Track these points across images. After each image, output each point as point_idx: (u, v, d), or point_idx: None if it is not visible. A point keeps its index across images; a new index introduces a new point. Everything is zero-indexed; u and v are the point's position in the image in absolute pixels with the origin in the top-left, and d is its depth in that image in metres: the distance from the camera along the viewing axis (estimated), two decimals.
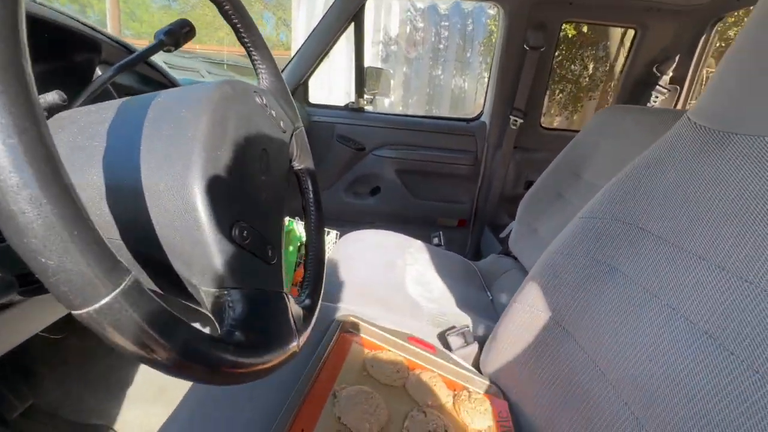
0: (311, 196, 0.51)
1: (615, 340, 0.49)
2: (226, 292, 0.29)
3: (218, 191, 0.29)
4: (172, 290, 0.33)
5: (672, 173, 0.49)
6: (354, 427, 0.47)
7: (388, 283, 0.87)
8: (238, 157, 0.32)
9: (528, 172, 1.66)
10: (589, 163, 0.98)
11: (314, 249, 0.48)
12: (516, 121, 1.53)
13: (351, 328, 0.65)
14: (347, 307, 0.74)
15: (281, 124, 0.43)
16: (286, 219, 1.13)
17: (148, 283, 0.33)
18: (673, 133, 0.51)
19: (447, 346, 0.75)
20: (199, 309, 0.32)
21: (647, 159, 0.53)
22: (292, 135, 0.47)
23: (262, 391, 0.51)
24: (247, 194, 0.33)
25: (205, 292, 0.29)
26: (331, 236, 1.22)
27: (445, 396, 0.58)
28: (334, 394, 0.51)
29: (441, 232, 1.41)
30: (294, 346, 0.36)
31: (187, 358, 0.23)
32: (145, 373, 0.89)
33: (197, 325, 0.23)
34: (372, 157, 1.60)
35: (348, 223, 1.18)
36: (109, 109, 0.34)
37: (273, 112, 0.41)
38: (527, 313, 0.63)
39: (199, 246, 0.28)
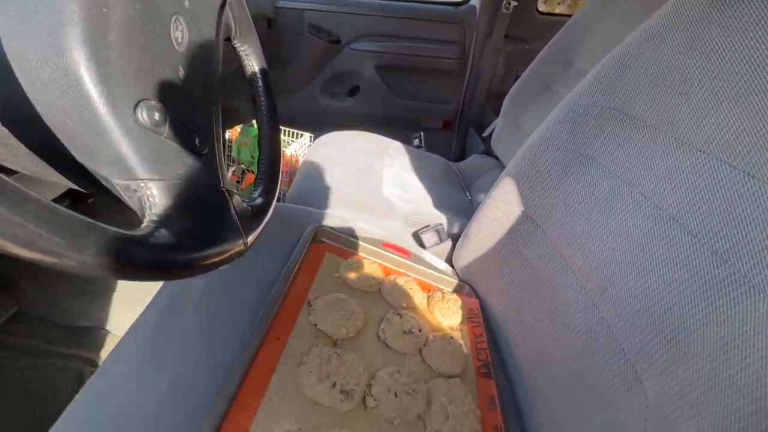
0: (259, 80, 0.44)
1: (582, 231, 0.49)
2: (142, 184, 0.25)
3: (110, 60, 0.24)
4: (87, 185, 0.29)
5: (670, 46, 0.43)
6: (330, 332, 0.48)
7: (364, 186, 0.84)
8: (135, 19, 0.26)
9: (519, 66, 1.52)
10: (582, 48, 0.89)
11: (267, 143, 0.43)
12: (509, 3, 1.35)
13: (324, 237, 0.64)
14: (320, 211, 0.72)
15: None
16: (254, 121, 1.04)
17: (59, 179, 0.29)
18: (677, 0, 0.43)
19: (421, 243, 0.76)
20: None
21: (645, 32, 0.47)
22: (224, 2, 0.38)
23: (237, 297, 0.51)
24: (155, 68, 0.27)
25: (118, 184, 0.26)
26: (304, 139, 1.15)
27: (419, 298, 0.60)
28: (308, 303, 0.51)
29: (422, 133, 1.34)
30: (240, 243, 0.33)
31: (104, 260, 0.20)
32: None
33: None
34: (349, 52, 1.45)
35: (325, 127, 1.11)
36: None
37: None
38: (500, 209, 0.62)
39: (96, 130, 0.23)
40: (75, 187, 0.31)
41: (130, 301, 0.89)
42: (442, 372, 0.50)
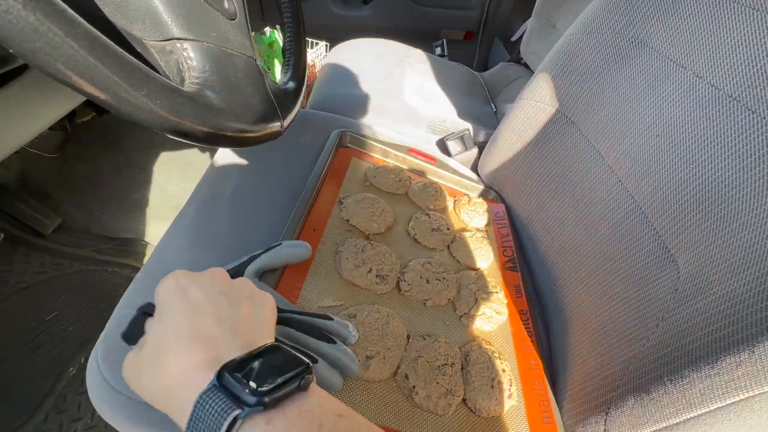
0: None
1: (622, 123, 0.46)
2: (178, 45, 0.24)
3: None
4: None
5: None
6: (362, 226, 0.49)
7: (385, 93, 0.81)
8: None
9: None
10: None
11: (291, 25, 0.40)
12: None
13: (349, 143, 0.63)
14: (343, 117, 0.70)
15: None
16: (267, 29, 0.98)
17: None
18: None
19: (446, 151, 0.74)
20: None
21: None
22: None
23: (266, 200, 0.52)
24: None
25: (153, 46, 0.25)
26: (320, 47, 1.09)
27: (446, 201, 0.60)
28: (339, 201, 0.52)
29: (444, 41, 1.24)
30: (277, 125, 0.33)
31: (158, 109, 0.20)
32: (161, 193, 0.93)
33: None
34: None
35: (338, 39, 1.03)
36: None
37: None
38: (532, 108, 0.59)
39: None
40: None
41: (162, 216, 0.92)
42: (469, 265, 0.52)
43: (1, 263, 0.75)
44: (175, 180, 0.95)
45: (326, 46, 1.09)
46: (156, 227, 0.91)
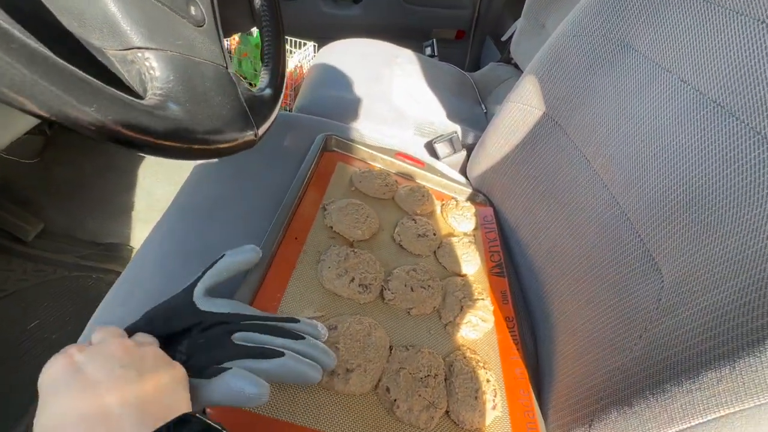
0: None
1: (608, 127, 0.46)
2: (139, 54, 0.23)
3: None
4: (81, 64, 0.27)
5: None
6: (346, 233, 0.48)
7: (373, 95, 0.80)
8: None
9: None
10: None
11: (269, 29, 0.39)
12: None
13: (335, 146, 0.62)
14: (329, 121, 0.69)
15: None
16: (254, 30, 0.97)
17: None
18: None
19: (434, 154, 0.74)
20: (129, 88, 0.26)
21: None
22: None
23: (248, 206, 0.51)
24: None
25: (113, 55, 0.23)
26: (307, 48, 1.07)
27: (433, 206, 0.60)
28: (323, 207, 0.51)
29: (434, 41, 1.24)
30: (250, 134, 0.32)
31: (110, 124, 0.19)
32: (146, 196, 0.92)
33: None
34: None
35: (328, 39, 1.01)
36: None
37: None
38: (519, 112, 0.59)
39: None
40: None
41: (148, 219, 0.91)
42: (455, 271, 0.52)
43: None
44: (160, 183, 0.93)
45: (314, 46, 1.08)
46: (141, 231, 0.89)
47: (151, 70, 0.24)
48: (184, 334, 0.28)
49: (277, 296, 0.39)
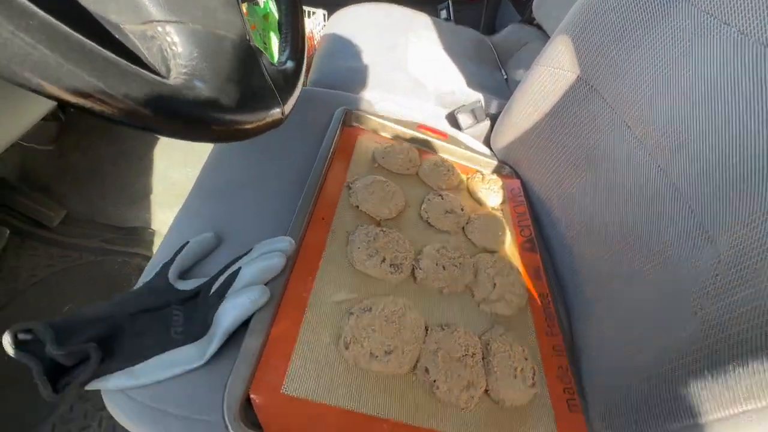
0: None
1: (653, 89, 0.42)
2: (159, 28, 0.21)
3: None
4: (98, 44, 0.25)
5: None
6: (373, 212, 0.47)
7: (389, 65, 0.76)
8: None
9: None
10: None
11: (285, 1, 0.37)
12: None
13: (354, 121, 0.59)
14: (346, 94, 0.66)
15: None
16: (261, 0, 0.92)
17: None
18: None
19: (456, 125, 0.70)
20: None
21: None
22: None
23: (270, 187, 0.49)
24: None
25: (132, 31, 0.22)
26: (317, 16, 1.02)
27: (458, 180, 0.57)
28: (348, 186, 0.49)
29: (449, 2, 1.17)
30: (278, 112, 0.30)
31: (141, 109, 0.18)
32: (163, 180, 0.91)
33: None
34: None
35: (338, 5, 0.96)
36: None
37: None
38: (549, 75, 0.55)
39: None
40: None
41: (167, 203, 0.91)
42: (485, 247, 0.50)
43: (10, 258, 0.75)
44: (176, 167, 0.93)
45: (324, 14, 1.03)
46: (162, 215, 0.89)
47: (173, 46, 0.22)
48: (164, 308, 0.33)
49: (309, 279, 0.38)
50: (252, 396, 0.28)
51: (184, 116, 0.20)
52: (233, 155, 0.53)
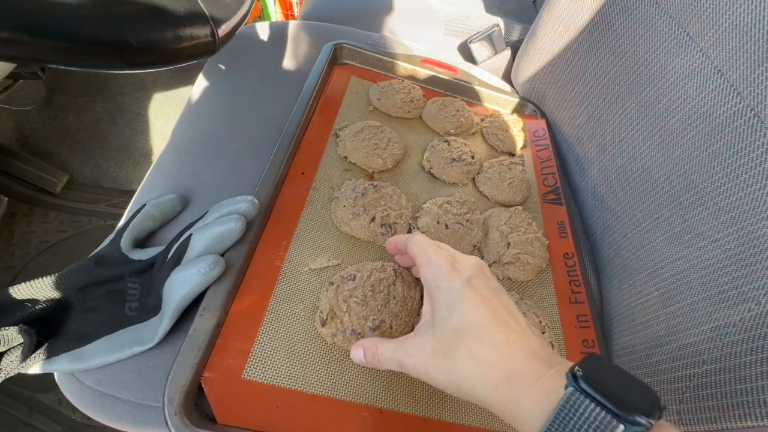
0: None
1: None
2: None
3: None
4: None
5: None
6: (364, 164, 0.40)
7: None
8: None
9: None
10: None
11: None
12: None
13: (346, 58, 0.50)
14: (338, 26, 0.57)
15: None
16: None
17: None
18: None
19: (470, 57, 0.60)
20: None
21: None
22: None
23: (249, 133, 0.43)
24: None
25: None
26: None
27: (470, 123, 0.49)
28: (335, 133, 0.42)
29: None
30: (207, 34, 0.23)
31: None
32: (161, 138, 0.88)
33: None
34: None
35: None
36: None
37: None
38: None
39: None
40: None
41: None
42: (499, 201, 0.43)
43: (20, 225, 0.75)
44: (172, 123, 0.88)
45: None
46: None
47: None
48: (119, 281, 0.30)
49: (283, 244, 0.33)
50: (203, 383, 0.24)
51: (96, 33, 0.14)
52: (208, 106, 0.47)
